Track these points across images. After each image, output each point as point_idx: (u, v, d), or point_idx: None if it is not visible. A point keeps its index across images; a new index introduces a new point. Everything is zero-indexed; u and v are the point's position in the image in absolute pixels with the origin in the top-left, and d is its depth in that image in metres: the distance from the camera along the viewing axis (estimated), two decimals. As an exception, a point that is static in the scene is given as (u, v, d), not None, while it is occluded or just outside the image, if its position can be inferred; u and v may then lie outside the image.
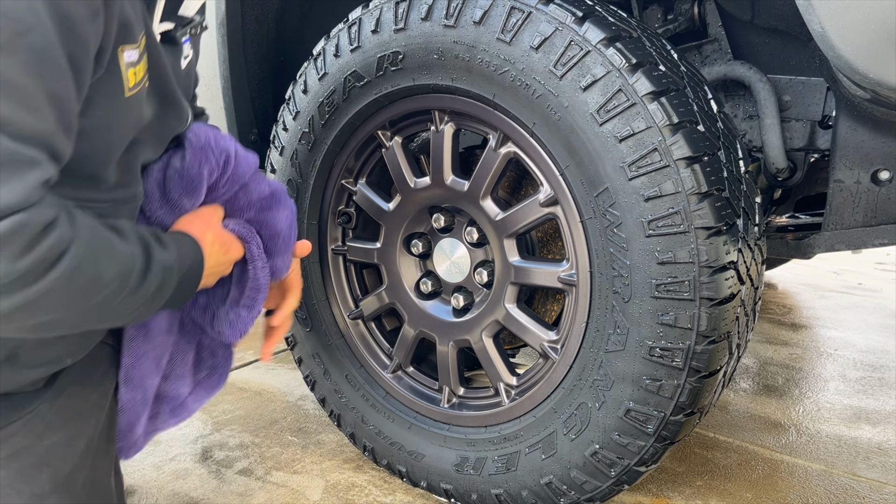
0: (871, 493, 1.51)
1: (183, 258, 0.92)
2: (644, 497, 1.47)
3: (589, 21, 1.07)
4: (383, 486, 1.49)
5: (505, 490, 1.31)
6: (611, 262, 1.11)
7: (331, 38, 1.36)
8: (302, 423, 1.78)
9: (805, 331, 2.71)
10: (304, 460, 1.59)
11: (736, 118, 1.45)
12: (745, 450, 1.69)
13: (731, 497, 1.48)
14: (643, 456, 1.16)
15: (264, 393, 1.97)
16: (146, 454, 1.60)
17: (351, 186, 1.46)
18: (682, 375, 1.09)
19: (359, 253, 1.50)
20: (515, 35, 1.11)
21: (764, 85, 1.33)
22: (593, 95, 1.06)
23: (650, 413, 1.12)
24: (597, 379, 1.16)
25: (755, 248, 1.16)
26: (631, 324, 1.11)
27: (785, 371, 2.25)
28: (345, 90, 1.33)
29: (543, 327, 1.28)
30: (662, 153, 1.03)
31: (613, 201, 1.08)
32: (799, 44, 1.34)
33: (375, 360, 1.52)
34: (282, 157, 1.47)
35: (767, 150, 1.35)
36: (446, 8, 1.17)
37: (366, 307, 1.52)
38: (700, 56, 1.46)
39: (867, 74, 0.96)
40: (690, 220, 1.03)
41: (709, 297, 1.05)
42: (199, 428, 1.74)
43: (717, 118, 1.13)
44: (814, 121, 1.35)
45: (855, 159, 1.22)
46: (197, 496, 1.44)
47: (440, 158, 1.31)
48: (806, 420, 1.87)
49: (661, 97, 1.04)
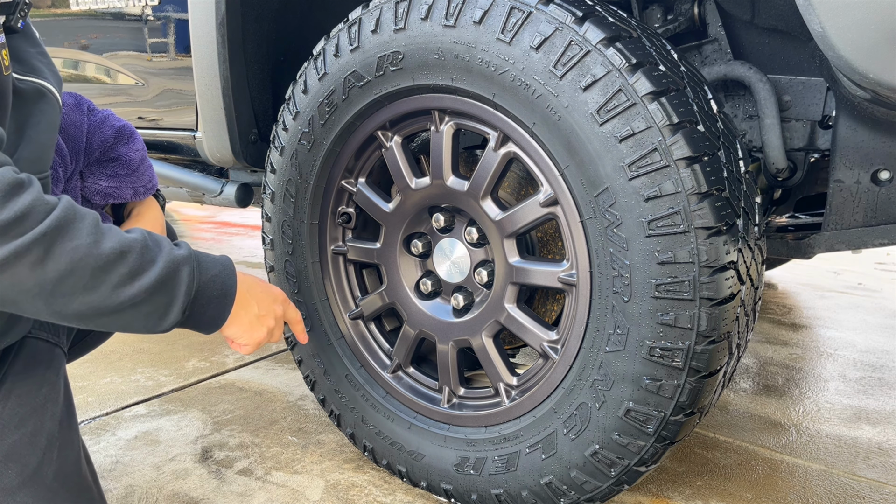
0: (871, 493, 1.51)
1: (205, 263, 0.92)
2: (644, 497, 1.47)
3: (589, 21, 1.07)
4: (383, 486, 1.49)
5: (505, 490, 1.31)
6: (611, 262, 1.11)
7: (331, 38, 1.36)
8: (302, 423, 1.78)
9: (805, 331, 2.71)
10: (304, 460, 1.59)
11: (736, 118, 1.45)
12: (745, 450, 1.69)
13: (731, 497, 1.48)
14: (643, 456, 1.16)
15: (264, 393, 1.97)
16: (146, 454, 1.60)
17: (351, 186, 1.46)
18: (682, 375, 1.09)
19: (359, 253, 1.50)
20: (515, 35, 1.11)
21: (764, 85, 1.33)
22: (593, 95, 1.06)
23: (650, 413, 1.12)
24: (597, 379, 1.16)
25: (755, 248, 1.16)
26: (631, 324, 1.11)
27: (785, 371, 2.25)
28: (345, 90, 1.33)
29: (543, 327, 1.28)
30: (662, 153, 1.03)
31: (613, 201, 1.08)
32: (799, 44, 1.34)
33: (375, 360, 1.52)
34: (282, 157, 1.47)
35: (767, 150, 1.35)
36: (446, 8, 1.17)
37: (366, 307, 1.52)
38: (700, 56, 1.46)
39: (867, 74, 0.96)
40: (690, 220, 1.03)
41: (709, 297, 1.05)
42: (199, 428, 1.74)
43: (717, 118, 1.13)
44: (814, 121, 1.35)
45: (855, 159, 1.22)
46: (197, 496, 1.44)
47: (440, 158, 1.31)
48: (806, 420, 1.87)
49: (661, 97, 1.04)
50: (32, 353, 1.02)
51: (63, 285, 0.78)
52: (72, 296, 0.79)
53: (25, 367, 1.00)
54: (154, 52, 1.84)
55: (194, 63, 1.68)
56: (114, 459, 1.58)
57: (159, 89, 1.89)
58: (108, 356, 2.23)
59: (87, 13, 1.93)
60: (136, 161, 1.22)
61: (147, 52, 1.85)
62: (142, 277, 0.83)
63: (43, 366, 1.02)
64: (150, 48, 1.84)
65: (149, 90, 1.91)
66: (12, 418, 0.95)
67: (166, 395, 1.95)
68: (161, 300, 0.86)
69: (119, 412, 1.83)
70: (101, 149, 1.18)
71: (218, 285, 0.94)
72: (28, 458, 0.94)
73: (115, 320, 0.85)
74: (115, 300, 0.82)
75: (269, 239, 1.56)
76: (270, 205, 1.52)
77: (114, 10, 1.87)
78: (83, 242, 0.78)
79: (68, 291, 0.78)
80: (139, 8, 1.82)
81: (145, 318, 0.86)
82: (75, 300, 0.79)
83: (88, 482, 1.03)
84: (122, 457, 1.59)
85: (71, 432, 1.03)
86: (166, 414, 1.82)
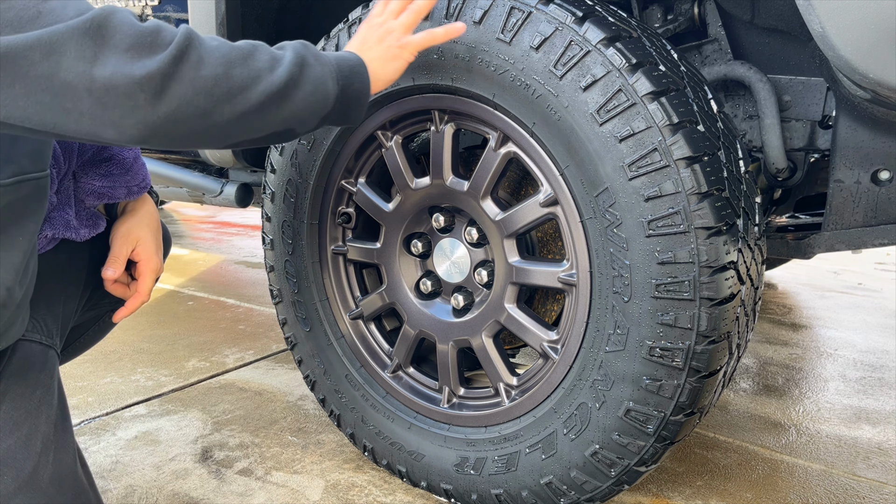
0: (871, 493, 1.51)
1: (337, 57, 1.00)
2: (644, 497, 1.47)
3: (589, 21, 1.07)
4: (383, 486, 1.49)
5: (505, 490, 1.31)
6: (611, 262, 1.11)
7: (331, 38, 1.36)
8: (302, 423, 1.78)
9: (805, 331, 2.71)
10: (304, 460, 1.59)
11: (736, 118, 1.45)
12: (745, 450, 1.69)
13: (731, 497, 1.48)
14: (643, 456, 1.16)
15: (264, 393, 1.97)
16: (146, 454, 1.60)
17: (351, 186, 1.46)
18: (682, 375, 1.09)
19: (359, 253, 1.50)
20: (515, 35, 1.11)
21: (764, 85, 1.33)
22: (593, 95, 1.06)
23: (650, 413, 1.12)
24: (597, 379, 1.16)
25: (755, 248, 1.16)
26: (631, 324, 1.11)
27: (785, 371, 2.25)
28: (345, 90, 1.33)
29: (543, 327, 1.28)
30: (662, 153, 1.03)
31: (613, 201, 1.08)
32: (799, 44, 1.34)
33: (375, 360, 1.52)
34: (282, 157, 1.47)
35: (767, 150, 1.35)
36: (446, 8, 1.17)
37: (366, 307, 1.52)
38: (700, 56, 1.46)
39: (867, 74, 0.96)
40: (690, 220, 1.03)
41: (709, 297, 1.05)
42: (199, 428, 1.74)
43: (717, 118, 1.13)
44: (814, 121, 1.35)
45: (855, 159, 1.22)
46: (197, 496, 1.44)
47: (440, 158, 1.31)
48: (806, 420, 1.87)
49: (661, 97, 1.04)
50: (26, 355, 1.01)
51: (232, 78, 0.84)
52: (244, 87, 0.86)
53: (19, 371, 0.99)
54: (154, 52, 1.84)
55: (194, 63, 1.67)
56: (114, 459, 1.58)
57: (159, 89, 1.89)
58: (108, 356, 2.23)
59: (87, 13, 1.92)
60: (130, 160, 1.22)
61: (147, 52, 1.85)
62: (281, 61, 0.91)
63: (37, 368, 1.02)
64: (150, 48, 1.84)
65: (149, 90, 1.91)
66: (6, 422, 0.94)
67: (166, 395, 1.95)
68: (313, 73, 0.94)
69: (119, 412, 1.83)
70: (94, 148, 1.18)
71: (349, 61, 1.01)
72: (23, 462, 0.94)
73: (291, 103, 0.92)
74: (278, 79, 0.89)
75: (269, 239, 1.56)
76: (270, 205, 1.52)
77: (114, 10, 1.87)
78: (218, 42, 0.86)
79: (240, 83, 0.85)
80: (139, 8, 1.82)
81: (311, 98, 0.94)
82: (250, 90, 0.86)
83: (84, 485, 1.02)
84: (122, 457, 1.59)
85: (66, 435, 1.02)
86: (166, 414, 1.82)
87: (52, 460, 0.97)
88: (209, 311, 2.81)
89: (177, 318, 2.71)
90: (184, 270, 3.55)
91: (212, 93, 0.83)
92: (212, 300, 2.97)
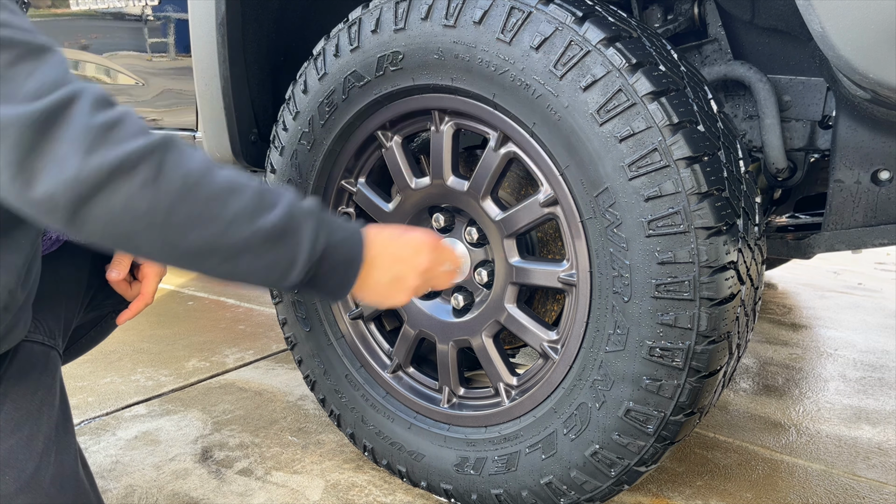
0: (871, 493, 1.51)
1: (332, 225, 0.87)
2: (644, 497, 1.47)
3: (589, 21, 1.07)
4: (383, 486, 1.49)
5: (505, 490, 1.31)
6: (611, 262, 1.11)
7: (331, 38, 1.36)
8: (302, 423, 1.78)
9: (805, 331, 2.71)
10: (304, 460, 1.59)
11: (736, 118, 1.45)
12: (745, 450, 1.69)
13: (731, 497, 1.48)
14: (643, 456, 1.16)
15: (264, 393, 1.97)
16: (146, 454, 1.60)
17: (351, 186, 1.46)
18: (682, 375, 1.09)
19: (359, 253, 1.49)
20: (515, 35, 1.11)
21: (764, 85, 1.33)
22: (593, 95, 1.06)
23: (650, 413, 1.12)
24: (597, 379, 1.16)
25: (755, 248, 1.16)
26: (631, 324, 1.11)
27: (785, 371, 2.25)
28: (345, 90, 1.33)
29: (543, 327, 1.28)
30: (662, 153, 1.03)
31: (613, 201, 1.08)
32: (799, 44, 1.34)
33: (375, 360, 1.52)
34: (282, 157, 1.47)
35: (767, 150, 1.35)
36: (446, 8, 1.17)
37: (366, 307, 1.52)
38: (700, 56, 1.46)
39: (867, 74, 0.96)
40: (690, 220, 1.03)
41: (709, 297, 1.05)
42: (199, 428, 1.74)
43: (717, 118, 1.13)
44: (814, 121, 1.35)
45: (855, 159, 1.22)
46: (197, 496, 1.44)
47: (440, 158, 1.31)
48: (806, 420, 1.87)
49: (661, 97, 1.04)
50: (28, 356, 1.01)
51: (176, 213, 0.73)
52: (186, 227, 0.74)
53: (21, 371, 0.99)
54: (154, 52, 1.84)
55: (194, 63, 1.67)
56: (114, 459, 1.58)
57: (159, 89, 1.89)
58: (108, 356, 2.23)
59: (86, 13, 1.92)
60: None
61: (147, 52, 1.85)
62: (259, 218, 0.77)
63: (38, 369, 1.01)
64: (150, 48, 1.84)
65: (149, 90, 1.91)
66: (8, 423, 0.94)
67: (166, 395, 1.95)
68: (282, 252, 0.81)
69: (119, 412, 1.83)
70: None
71: (344, 252, 0.88)
72: (25, 462, 0.94)
73: (234, 265, 0.79)
74: (231, 238, 0.77)
75: (269, 239, 1.56)
76: (270, 205, 1.52)
77: (114, 10, 1.87)
78: (195, 167, 0.74)
79: (182, 221, 0.74)
80: (139, 8, 1.82)
81: (266, 270, 0.81)
82: (190, 232, 0.75)
83: (85, 486, 1.02)
84: (122, 457, 1.59)
85: (67, 436, 1.02)
86: (166, 414, 1.82)
87: (53, 461, 0.97)
88: (209, 311, 2.81)
89: (177, 318, 2.71)
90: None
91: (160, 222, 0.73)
92: (212, 300, 2.97)
